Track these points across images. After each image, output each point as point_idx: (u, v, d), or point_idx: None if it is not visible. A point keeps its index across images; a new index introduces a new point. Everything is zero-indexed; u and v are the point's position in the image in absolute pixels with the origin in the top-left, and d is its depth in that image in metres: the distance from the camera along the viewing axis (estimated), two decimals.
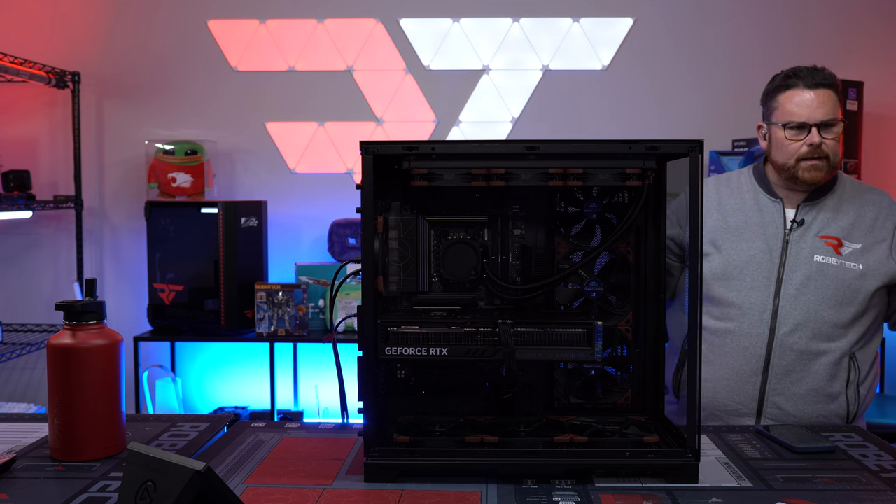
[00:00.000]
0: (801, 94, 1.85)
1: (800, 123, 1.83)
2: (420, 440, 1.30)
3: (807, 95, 1.84)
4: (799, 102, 1.84)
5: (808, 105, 1.84)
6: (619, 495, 1.18)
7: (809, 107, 1.83)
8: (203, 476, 0.86)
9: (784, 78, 1.90)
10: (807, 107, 1.83)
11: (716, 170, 3.45)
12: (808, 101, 1.84)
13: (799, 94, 1.85)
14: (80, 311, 1.33)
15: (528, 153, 1.26)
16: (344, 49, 3.67)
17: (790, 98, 1.86)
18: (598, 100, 3.67)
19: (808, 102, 1.84)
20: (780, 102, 1.88)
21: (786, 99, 1.86)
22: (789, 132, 1.85)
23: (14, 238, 3.75)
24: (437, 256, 1.38)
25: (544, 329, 1.26)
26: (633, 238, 1.42)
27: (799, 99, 1.85)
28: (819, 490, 1.20)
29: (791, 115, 1.85)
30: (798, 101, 1.85)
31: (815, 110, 1.83)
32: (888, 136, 3.61)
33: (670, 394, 1.91)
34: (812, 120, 1.83)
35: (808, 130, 1.83)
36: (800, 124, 1.83)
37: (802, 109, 1.84)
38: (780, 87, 1.89)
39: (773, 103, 1.90)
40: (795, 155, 1.84)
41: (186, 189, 3.47)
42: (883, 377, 3.36)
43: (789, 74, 1.89)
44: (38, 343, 3.33)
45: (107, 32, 3.70)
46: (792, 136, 1.85)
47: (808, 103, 1.84)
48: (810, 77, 1.86)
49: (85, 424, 1.32)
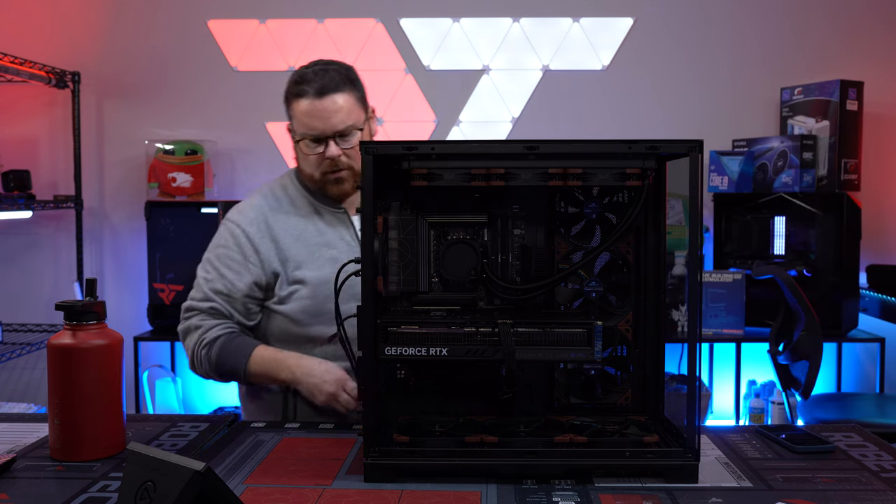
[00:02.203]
0: (311, 103, 1.66)
1: (315, 136, 1.67)
2: (420, 440, 1.29)
3: (317, 104, 1.66)
4: (310, 113, 1.66)
5: (319, 116, 1.66)
6: (619, 495, 1.18)
7: (321, 117, 1.66)
8: (203, 476, 0.86)
9: (294, 83, 1.70)
10: (318, 118, 1.66)
11: (716, 170, 3.45)
12: (319, 110, 1.65)
13: (308, 103, 1.66)
14: (80, 311, 1.33)
15: (528, 153, 1.26)
16: (344, 49, 3.67)
17: (301, 108, 1.67)
18: (598, 100, 3.67)
19: (319, 112, 1.66)
20: (294, 111, 1.70)
21: (298, 109, 1.68)
22: (306, 146, 1.69)
23: (14, 238, 3.75)
24: (436, 256, 1.38)
25: (544, 329, 1.26)
26: (633, 238, 1.42)
27: (309, 109, 1.66)
28: (819, 490, 1.20)
29: (305, 126, 1.68)
30: (309, 111, 1.66)
31: (327, 121, 1.66)
32: (888, 136, 3.61)
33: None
34: (326, 132, 1.66)
35: (326, 143, 1.67)
36: (315, 137, 1.68)
37: (315, 121, 1.66)
38: (292, 94, 1.70)
39: (290, 110, 1.72)
40: (319, 169, 1.70)
41: (186, 189, 3.47)
42: (883, 377, 3.36)
43: (298, 80, 1.69)
44: (38, 343, 3.33)
45: (107, 32, 3.70)
46: (310, 149, 1.69)
47: (318, 113, 1.66)
48: (317, 82, 1.66)
49: (85, 424, 1.32)
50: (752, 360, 3.51)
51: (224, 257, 1.73)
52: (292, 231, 1.73)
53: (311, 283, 1.69)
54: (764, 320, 3.17)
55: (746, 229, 3.42)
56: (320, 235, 1.74)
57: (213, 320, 1.71)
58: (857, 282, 3.35)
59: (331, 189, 1.75)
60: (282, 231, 1.73)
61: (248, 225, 1.73)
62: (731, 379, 3.53)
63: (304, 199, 1.78)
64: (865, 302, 3.41)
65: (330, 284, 1.66)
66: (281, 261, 1.71)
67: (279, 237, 1.72)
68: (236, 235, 1.73)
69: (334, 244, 1.73)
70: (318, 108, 1.67)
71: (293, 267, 1.70)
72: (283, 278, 1.71)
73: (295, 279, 1.70)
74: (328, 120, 1.67)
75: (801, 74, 3.56)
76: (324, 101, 1.67)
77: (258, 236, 1.72)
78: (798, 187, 3.33)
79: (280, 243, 1.72)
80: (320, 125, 1.67)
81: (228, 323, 1.71)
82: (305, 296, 1.69)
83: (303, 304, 1.69)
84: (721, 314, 3.28)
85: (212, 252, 1.76)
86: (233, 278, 1.71)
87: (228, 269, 1.72)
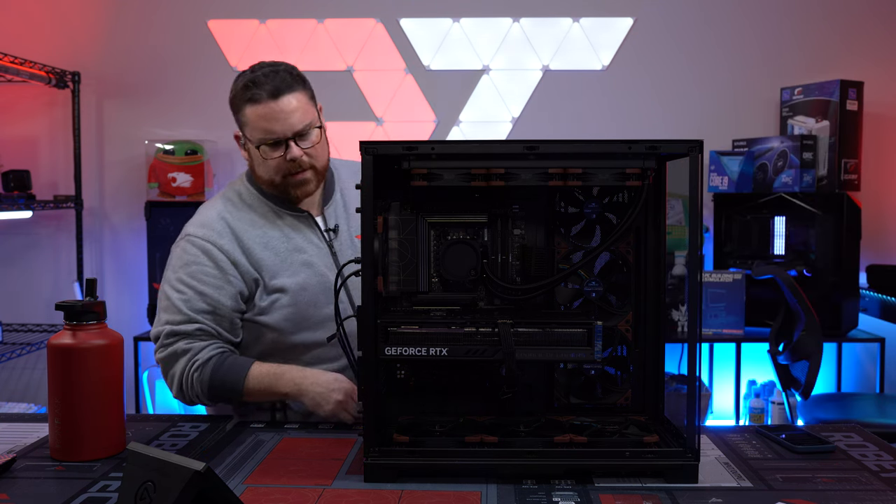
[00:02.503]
0: (267, 106, 1.62)
1: (275, 139, 1.64)
2: (420, 440, 1.29)
3: (273, 107, 1.62)
4: (266, 116, 1.62)
5: (276, 118, 1.62)
6: (619, 495, 1.18)
7: (278, 119, 1.62)
8: (203, 476, 0.86)
9: (244, 89, 1.64)
10: (276, 120, 1.62)
11: (716, 170, 3.45)
12: (276, 112, 1.62)
13: (264, 107, 1.62)
14: (80, 311, 1.33)
15: (528, 153, 1.26)
16: (344, 49, 3.67)
17: (256, 113, 1.63)
18: (598, 100, 3.67)
19: (276, 115, 1.62)
20: (248, 117, 1.65)
21: (252, 113, 1.64)
22: (266, 150, 1.65)
23: (14, 238, 3.75)
24: (436, 256, 1.38)
25: (544, 329, 1.26)
26: (633, 238, 1.42)
27: (266, 112, 1.62)
28: (819, 490, 1.20)
29: (262, 132, 1.64)
30: (265, 114, 1.62)
31: (285, 122, 1.63)
32: (888, 136, 3.61)
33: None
34: (286, 134, 1.64)
35: (286, 145, 1.65)
36: (275, 140, 1.64)
37: (273, 124, 1.62)
38: (243, 100, 1.65)
39: (242, 116, 1.67)
40: (280, 172, 1.67)
41: (186, 189, 3.47)
42: (883, 377, 3.36)
43: (248, 84, 1.64)
44: (38, 343, 3.33)
45: (107, 32, 3.70)
46: (269, 153, 1.65)
47: (276, 115, 1.62)
48: (269, 84, 1.62)
49: (85, 424, 1.32)
50: (752, 360, 3.51)
51: (199, 274, 1.64)
52: (259, 239, 1.68)
53: (291, 290, 1.66)
54: (764, 320, 3.17)
55: (746, 229, 3.42)
56: (288, 241, 1.70)
57: (200, 342, 1.63)
58: (857, 282, 3.35)
59: (294, 191, 1.70)
60: (249, 240, 1.67)
61: (218, 237, 1.66)
62: (731, 379, 3.53)
63: (264, 206, 1.73)
64: (865, 302, 3.41)
65: (308, 290, 1.66)
66: (257, 270, 1.67)
67: (249, 247, 1.67)
68: (207, 250, 1.65)
69: (304, 248, 1.71)
70: (276, 110, 1.63)
71: (269, 276, 1.66)
72: (262, 287, 1.66)
73: (274, 288, 1.66)
74: (286, 121, 1.63)
75: (801, 74, 3.56)
76: (279, 102, 1.63)
77: (231, 247, 1.66)
78: (798, 187, 3.33)
79: (251, 253, 1.67)
80: (279, 127, 1.63)
81: (217, 343, 1.65)
82: (287, 304, 1.66)
83: (285, 313, 1.66)
84: (721, 314, 3.28)
85: (181, 271, 1.66)
86: (215, 294, 1.63)
87: (208, 286, 1.64)
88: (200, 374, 1.61)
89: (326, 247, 1.73)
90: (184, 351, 1.63)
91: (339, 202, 1.80)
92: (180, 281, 1.66)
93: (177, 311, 1.64)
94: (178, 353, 1.63)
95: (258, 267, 1.66)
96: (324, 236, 1.74)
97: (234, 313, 1.66)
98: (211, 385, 1.60)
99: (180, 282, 1.66)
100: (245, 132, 1.69)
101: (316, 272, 1.69)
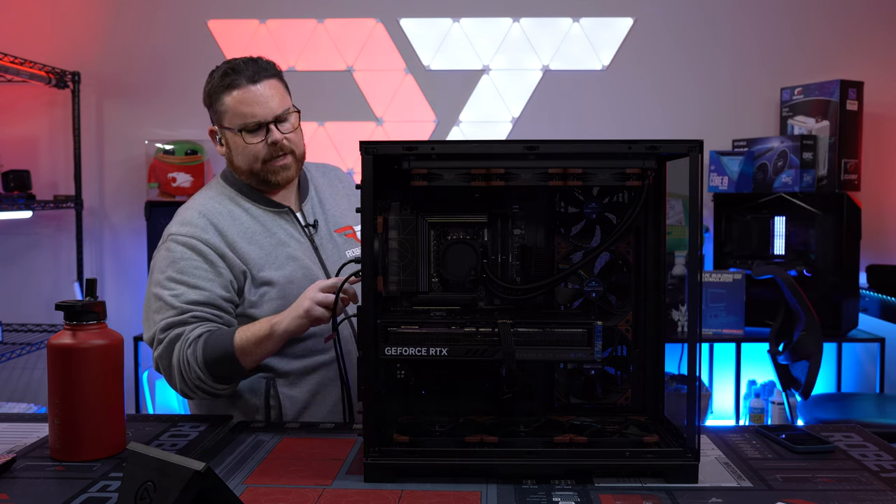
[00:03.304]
0: (248, 89, 1.66)
1: (256, 124, 1.66)
2: (420, 440, 1.29)
3: (254, 90, 1.66)
4: (247, 100, 1.66)
5: (257, 101, 1.66)
6: (619, 495, 1.18)
7: (259, 102, 1.66)
8: (203, 476, 0.86)
9: (223, 77, 1.68)
10: (257, 103, 1.66)
11: (716, 170, 3.45)
12: (257, 96, 1.66)
13: (244, 91, 1.66)
14: (80, 311, 1.33)
15: (528, 153, 1.26)
16: (344, 49, 3.67)
17: (237, 98, 1.66)
18: (598, 100, 3.67)
19: (257, 98, 1.66)
20: (227, 105, 1.67)
21: (233, 100, 1.66)
22: (247, 136, 1.67)
23: (14, 238, 3.75)
24: (436, 256, 1.38)
25: (544, 329, 1.26)
26: (633, 238, 1.42)
27: (246, 96, 1.66)
28: (819, 490, 1.20)
29: (243, 116, 1.66)
30: (245, 98, 1.66)
31: (266, 105, 1.66)
32: (888, 136, 3.61)
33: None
34: (267, 117, 1.66)
35: (267, 129, 1.67)
36: (256, 125, 1.67)
37: (254, 107, 1.66)
38: (221, 88, 1.68)
39: (220, 106, 1.69)
40: (260, 157, 1.69)
41: (186, 189, 3.47)
42: (883, 377, 3.36)
43: (227, 71, 1.67)
44: (38, 343, 3.33)
45: (107, 32, 3.70)
46: (250, 139, 1.67)
47: (256, 99, 1.66)
48: (248, 70, 1.66)
49: (85, 424, 1.32)
50: (752, 360, 3.51)
51: (188, 269, 1.62)
52: (242, 234, 1.68)
53: (279, 283, 1.66)
54: (764, 320, 3.17)
55: (746, 229, 3.42)
56: (271, 235, 1.70)
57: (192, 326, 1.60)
58: (857, 282, 3.35)
59: (274, 177, 1.71)
60: (233, 235, 1.67)
61: (203, 233, 1.65)
62: (731, 379, 3.53)
63: (244, 202, 1.73)
64: (865, 302, 3.41)
65: (295, 283, 1.66)
66: (244, 262, 1.66)
67: (233, 241, 1.66)
68: (194, 246, 1.64)
69: (287, 242, 1.71)
70: (256, 93, 1.65)
71: (256, 269, 1.66)
72: (250, 280, 1.66)
73: (262, 281, 1.66)
74: (266, 104, 1.66)
75: (801, 74, 3.56)
76: (259, 86, 1.66)
77: (216, 241, 1.65)
78: (798, 187, 3.33)
79: (236, 247, 1.66)
80: (260, 110, 1.65)
81: (211, 324, 1.63)
82: (275, 297, 1.66)
83: (274, 306, 1.65)
84: (721, 314, 3.28)
85: (170, 269, 1.64)
86: (207, 286, 1.62)
87: (199, 279, 1.62)
88: (194, 349, 1.56)
89: (308, 241, 1.75)
90: (177, 336, 1.59)
91: (314, 199, 1.83)
92: (169, 279, 1.63)
93: (169, 307, 1.61)
94: (173, 340, 1.59)
95: (245, 260, 1.66)
96: (304, 231, 1.76)
97: (228, 304, 1.65)
98: (205, 356, 1.55)
99: (170, 280, 1.63)
100: (224, 121, 1.70)
101: (301, 265, 1.70)
